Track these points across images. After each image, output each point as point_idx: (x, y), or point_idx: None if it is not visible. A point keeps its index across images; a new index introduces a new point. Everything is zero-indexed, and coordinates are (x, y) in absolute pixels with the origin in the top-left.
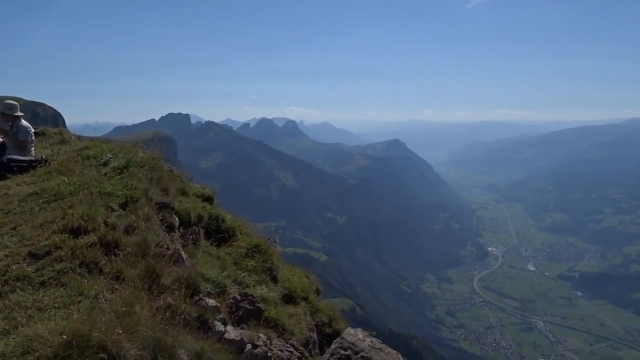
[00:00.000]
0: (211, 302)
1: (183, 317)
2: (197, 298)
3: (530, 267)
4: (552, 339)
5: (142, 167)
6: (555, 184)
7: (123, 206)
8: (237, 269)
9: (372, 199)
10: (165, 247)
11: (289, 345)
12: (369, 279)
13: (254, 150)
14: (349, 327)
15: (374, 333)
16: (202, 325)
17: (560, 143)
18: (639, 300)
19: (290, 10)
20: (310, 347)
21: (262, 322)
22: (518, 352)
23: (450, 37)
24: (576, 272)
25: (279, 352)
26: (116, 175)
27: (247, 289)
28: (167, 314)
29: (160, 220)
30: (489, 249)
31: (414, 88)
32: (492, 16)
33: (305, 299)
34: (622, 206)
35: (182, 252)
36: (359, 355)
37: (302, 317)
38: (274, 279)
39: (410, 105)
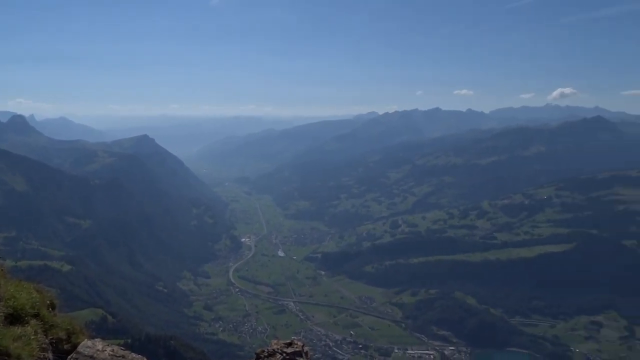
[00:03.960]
0: None
1: None
2: None
3: (280, 253)
4: (302, 317)
5: None
6: (299, 174)
7: None
8: None
9: (121, 199)
10: None
11: None
12: (121, 284)
13: None
14: (86, 340)
15: (128, 341)
16: None
17: (303, 136)
18: (369, 272)
19: None
20: None
21: None
22: (273, 334)
23: (193, 30)
24: (319, 253)
25: None
26: None
27: None
28: None
29: None
30: (243, 240)
31: (159, 81)
32: (235, 14)
33: (36, 316)
34: (354, 191)
35: None
36: None
37: (33, 337)
38: None
39: (158, 99)
